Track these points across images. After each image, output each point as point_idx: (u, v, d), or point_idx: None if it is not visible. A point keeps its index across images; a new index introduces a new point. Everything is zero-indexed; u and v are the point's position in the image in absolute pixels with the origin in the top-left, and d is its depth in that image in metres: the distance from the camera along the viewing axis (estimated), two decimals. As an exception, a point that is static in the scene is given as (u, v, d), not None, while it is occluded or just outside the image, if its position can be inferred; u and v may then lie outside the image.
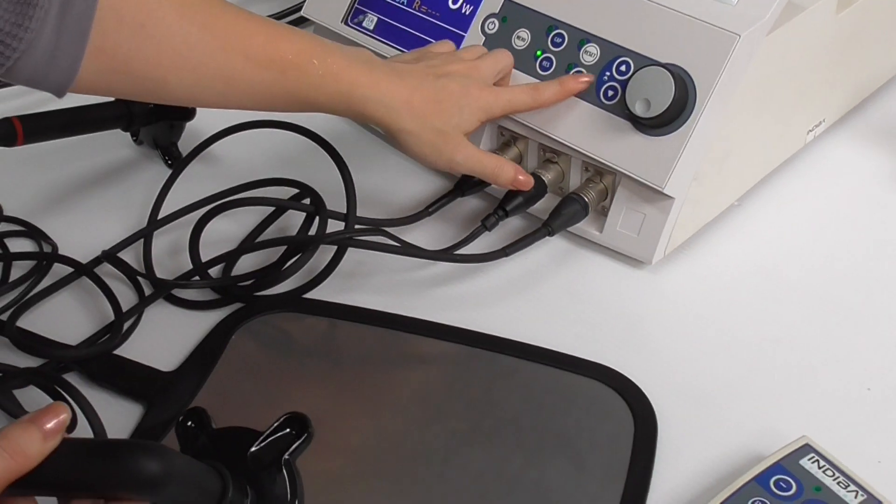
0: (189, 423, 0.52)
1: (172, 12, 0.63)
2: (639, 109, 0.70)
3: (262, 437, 0.50)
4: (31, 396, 0.66)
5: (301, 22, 0.94)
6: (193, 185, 0.82)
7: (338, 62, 0.69)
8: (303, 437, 0.50)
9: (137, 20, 0.61)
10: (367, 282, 0.76)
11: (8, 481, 0.43)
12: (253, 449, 0.50)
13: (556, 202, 0.76)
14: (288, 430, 0.50)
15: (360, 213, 0.76)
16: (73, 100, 0.70)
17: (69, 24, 0.57)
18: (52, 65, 0.58)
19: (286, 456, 0.49)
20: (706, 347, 0.71)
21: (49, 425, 0.44)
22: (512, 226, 0.79)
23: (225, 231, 0.80)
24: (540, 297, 0.75)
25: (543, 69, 0.76)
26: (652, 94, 0.70)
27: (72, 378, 0.69)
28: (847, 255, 0.78)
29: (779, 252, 0.78)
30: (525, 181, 0.75)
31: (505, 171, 0.74)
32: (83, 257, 0.77)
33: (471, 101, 0.72)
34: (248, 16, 0.67)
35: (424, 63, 0.75)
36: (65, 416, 0.45)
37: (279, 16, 1.04)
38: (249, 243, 0.79)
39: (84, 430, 0.62)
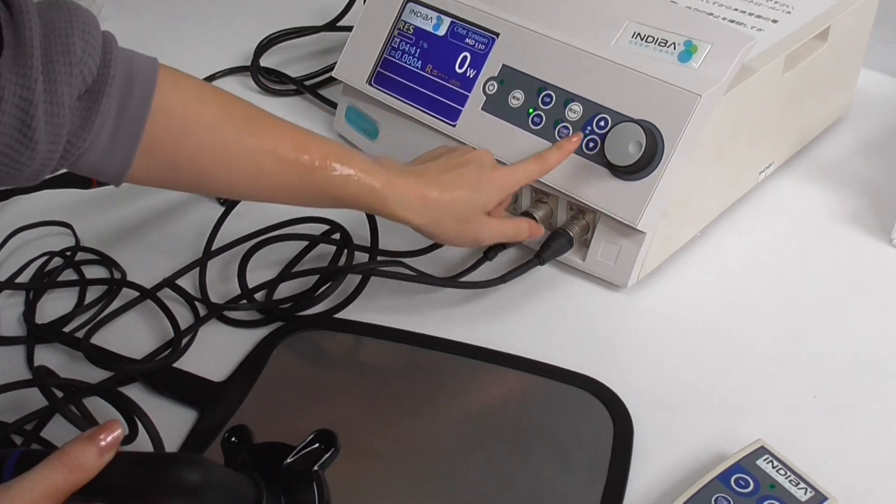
0: (233, 439, 0.50)
1: (214, 118, 0.60)
2: (616, 158, 0.69)
3: (295, 451, 0.48)
4: (96, 406, 0.65)
5: (332, 81, 0.93)
6: (241, 222, 0.80)
7: (359, 165, 0.64)
8: (330, 451, 0.48)
9: (182, 123, 0.58)
10: (388, 304, 0.75)
11: (69, 492, 0.42)
12: (287, 461, 0.48)
13: (546, 236, 0.74)
14: (317, 444, 0.48)
15: (381, 246, 0.75)
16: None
17: (124, 126, 0.55)
18: (110, 158, 0.56)
19: (315, 468, 0.48)
20: (675, 360, 0.69)
21: (104, 442, 0.43)
22: (509, 256, 0.77)
23: (268, 261, 0.78)
24: (532, 317, 0.73)
25: (535, 124, 0.74)
26: (627, 146, 0.68)
27: (136, 387, 0.67)
28: (793, 278, 0.76)
29: (736, 277, 0.76)
30: (538, 230, 0.74)
31: (522, 230, 0.72)
32: (148, 283, 0.76)
33: (487, 183, 0.68)
34: (282, 122, 0.63)
35: (443, 158, 0.70)
36: (119, 432, 0.43)
37: (312, 76, 1.01)
38: (288, 272, 0.77)
39: (142, 435, 0.61)
